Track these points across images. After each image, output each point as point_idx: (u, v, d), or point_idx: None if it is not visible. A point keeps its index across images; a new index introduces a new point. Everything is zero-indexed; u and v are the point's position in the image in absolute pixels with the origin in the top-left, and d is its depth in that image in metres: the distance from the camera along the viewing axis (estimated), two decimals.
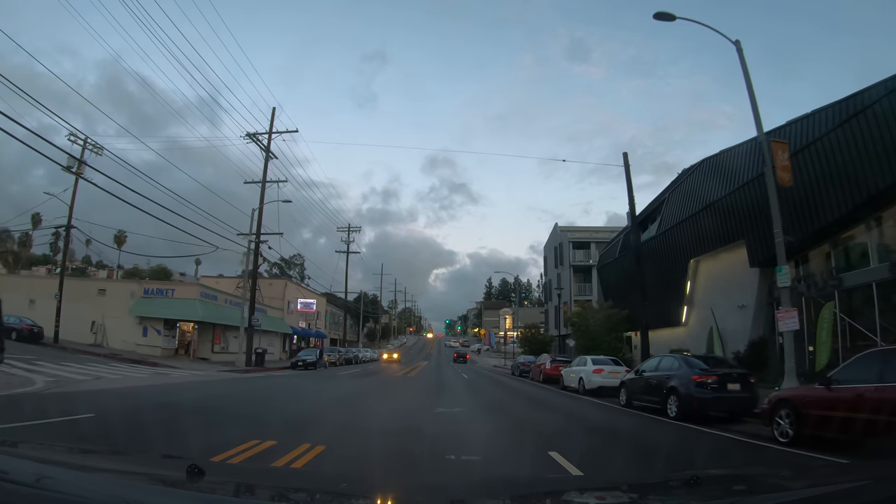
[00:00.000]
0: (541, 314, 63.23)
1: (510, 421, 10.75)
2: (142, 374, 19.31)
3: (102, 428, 7.33)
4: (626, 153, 21.40)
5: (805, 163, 16.41)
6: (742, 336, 21.02)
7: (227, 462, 4.98)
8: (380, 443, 7.20)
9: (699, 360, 12.00)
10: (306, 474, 3.83)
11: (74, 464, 1.96)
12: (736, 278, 22.32)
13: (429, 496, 2.09)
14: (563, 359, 24.93)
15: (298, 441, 6.47)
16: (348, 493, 1.92)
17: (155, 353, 30.90)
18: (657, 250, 28.40)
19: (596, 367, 17.66)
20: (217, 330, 32.41)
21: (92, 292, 33.67)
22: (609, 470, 6.15)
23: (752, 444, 8.24)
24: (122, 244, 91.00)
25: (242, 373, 25.62)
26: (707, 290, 24.87)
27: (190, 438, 6.57)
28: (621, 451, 7.75)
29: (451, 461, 6.12)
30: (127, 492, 1.51)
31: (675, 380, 11.37)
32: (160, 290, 32.14)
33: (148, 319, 31.58)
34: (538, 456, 6.48)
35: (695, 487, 1.88)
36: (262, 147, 31.42)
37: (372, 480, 3.43)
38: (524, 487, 2.42)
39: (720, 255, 23.82)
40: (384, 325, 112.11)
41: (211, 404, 11.58)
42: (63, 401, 10.01)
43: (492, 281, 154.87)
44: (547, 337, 40.83)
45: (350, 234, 56.64)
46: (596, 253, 47.93)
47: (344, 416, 10.08)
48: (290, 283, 45.53)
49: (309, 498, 1.88)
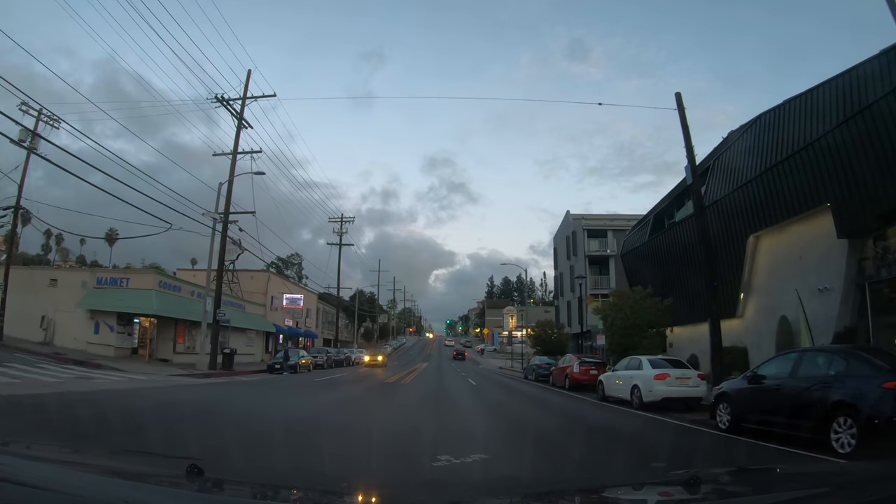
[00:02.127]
0: (546, 313, 58.46)
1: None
2: (51, 379, 14.67)
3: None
4: (679, 93, 16.70)
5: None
6: (824, 326, 16.33)
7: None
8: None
9: (874, 355, 7.31)
10: (306, 474, 3.57)
11: (74, 463, 1.98)
12: (813, 255, 17.62)
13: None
14: (593, 360, 20.28)
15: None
16: (348, 493, 1.94)
17: (107, 352, 26.24)
18: (692, 232, 23.70)
19: (658, 371, 12.98)
20: (181, 326, 27.67)
21: (42, 283, 28.95)
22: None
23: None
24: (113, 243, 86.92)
25: (201, 377, 20.95)
26: (772, 273, 20.11)
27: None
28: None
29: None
30: (127, 492, 1.49)
31: (845, 389, 6.72)
32: (114, 279, 27.42)
33: (99, 314, 26.91)
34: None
35: (695, 487, 1.85)
36: (234, 113, 26.82)
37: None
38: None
39: (789, 228, 19.07)
40: (382, 325, 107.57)
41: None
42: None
43: (493, 280, 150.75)
44: (563, 335, 36.07)
45: (343, 225, 52.38)
46: (614, 241, 43.26)
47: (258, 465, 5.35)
48: (274, 276, 40.75)
49: (308, 498, 1.86)
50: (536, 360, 28.18)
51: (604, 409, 13.44)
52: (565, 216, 49.32)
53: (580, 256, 43.82)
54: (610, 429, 10.23)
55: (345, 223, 52.49)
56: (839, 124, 15.08)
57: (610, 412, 12.81)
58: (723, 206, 21.92)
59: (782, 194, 18.60)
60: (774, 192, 19.03)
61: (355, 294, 76.78)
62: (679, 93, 16.96)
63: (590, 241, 43.99)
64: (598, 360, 20.37)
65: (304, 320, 48.61)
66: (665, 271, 26.87)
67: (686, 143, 16.58)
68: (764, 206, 19.82)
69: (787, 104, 18.30)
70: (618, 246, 43.23)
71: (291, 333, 45.41)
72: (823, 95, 16.28)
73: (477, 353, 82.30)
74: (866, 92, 13.78)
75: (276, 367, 26.78)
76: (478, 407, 13.42)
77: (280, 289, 43.22)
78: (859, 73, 14.07)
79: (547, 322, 38.36)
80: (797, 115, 17.65)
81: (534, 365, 27.14)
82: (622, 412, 12.77)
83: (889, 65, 12.58)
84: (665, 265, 27.20)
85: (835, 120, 15.42)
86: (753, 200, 20.26)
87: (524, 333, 59.55)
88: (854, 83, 14.22)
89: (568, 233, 47.10)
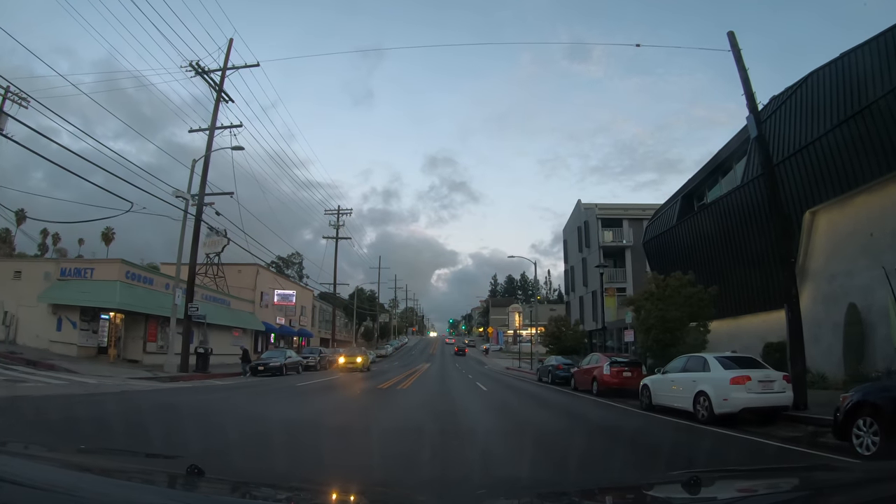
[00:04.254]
0: (552, 311, 55.17)
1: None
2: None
3: None
4: (732, 32, 13.54)
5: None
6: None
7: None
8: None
9: None
10: (306, 474, 3.61)
11: (74, 463, 1.92)
12: (887, 230, 14.57)
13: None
14: (626, 360, 17.19)
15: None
16: (348, 492, 1.94)
17: (70, 352, 23.30)
18: (740, 208, 20.56)
19: (734, 373, 9.86)
20: (152, 323, 24.58)
21: (6, 276, 26.00)
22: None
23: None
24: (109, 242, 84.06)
25: (166, 381, 17.93)
26: (832, 254, 16.96)
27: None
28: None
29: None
30: (127, 491, 1.48)
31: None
32: (78, 270, 24.39)
33: (62, 308, 23.94)
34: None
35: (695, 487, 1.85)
36: (212, 84, 23.77)
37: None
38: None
39: (854, 201, 15.97)
40: (383, 325, 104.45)
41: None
42: None
43: (497, 278, 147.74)
44: (579, 332, 32.85)
45: (340, 218, 49.43)
46: (630, 232, 40.17)
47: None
48: (263, 270, 37.59)
49: (308, 498, 1.84)
50: (553, 360, 25.01)
51: (664, 425, 10.28)
52: (576, 205, 46.15)
53: (594, 248, 40.68)
54: (703, 458, 7.09)
55: (342, 216, 49.75)
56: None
57: (675, 429, 9.67)
58: (770, 178, 18.71)
59: (846, 160, 15.48)
60: (837, 158, 15.90)
61: (354, 292, 73.92)
62: (732, 31, 13.87)
63: (604, 231, 40.84)
64: (632, 360, 17.23)
65: (298, 318, 45.53)
66: (698, 257, 23.74)
67: (745, 88, 13.46)
68: (823, 176, 16.67)
69: (849, 55, 15.14)
70: (634, 236, 40.20)
71: (284, 332, 42.33)
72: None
73: (481, 352, 79.00)
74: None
75: (259, 367, 23.73)
76: (496, 422, 10.33)
77: (270, 284, 40.11)
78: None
79: (561, 318, 35.15)
80: (863, 65, 14.51)
81: (550, 366, 23.98)
82: (689, 428, 9.63)
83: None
84: (699, 250, 24.06)
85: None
86: (809, 170, 17.12)
87: (531, 332, 56.46)
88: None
89: (580, 223, 43.95)
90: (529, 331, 58.15)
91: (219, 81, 23.99)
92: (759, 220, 18.90)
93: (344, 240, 50.28)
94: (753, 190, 19.71)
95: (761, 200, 18.55)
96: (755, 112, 13.66)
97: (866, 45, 14.49)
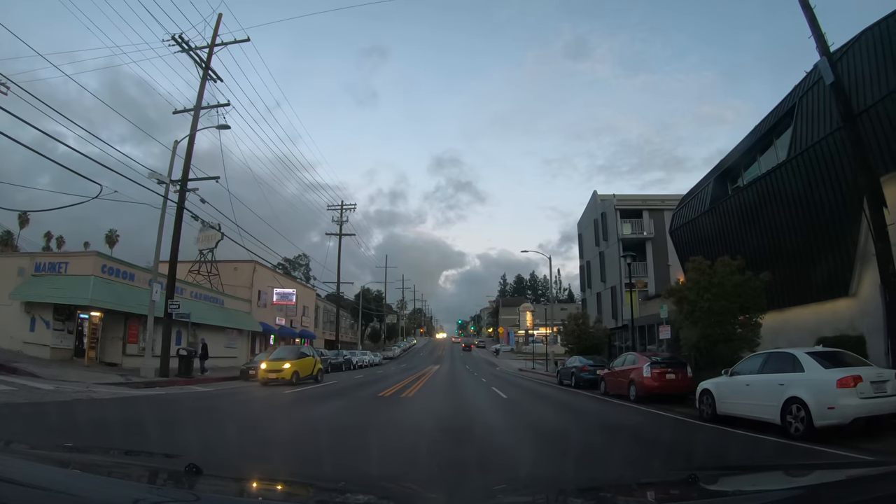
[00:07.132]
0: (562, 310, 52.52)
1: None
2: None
3: None
4: None
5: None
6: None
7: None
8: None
9: None
10: (305, 474, 3.33)
11: (73, 463, 1.89)
12: None
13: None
14: (670, 360, 14.74)
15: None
16: (348, 492, 1.90)
17: (43, 354, 21.23)
18: (788, 187, 18.02)
19: (840, 373, 7.43)
20: (133, 323, 22.37)
21: None
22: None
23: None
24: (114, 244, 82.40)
25: (139, 387, 15.72)
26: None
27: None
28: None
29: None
30: (126, 491, 1.47)
31: None
32: (52, 264, 22.25)
33: (35, 306, 21.88)
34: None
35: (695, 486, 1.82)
36: (198, 60, 21.59)
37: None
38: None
39: None
40: (391, 326, 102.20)
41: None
42: None
43: (506, 277, 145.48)
44: (600, 330, 30.34)
45: (343, 213, 47.31)
46: (650, 223, 37.62)
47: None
48: (261, 267, 35.34)
49: (308, 497, 1.83)
50: (576, 361, 22.50)
51: (751, 444, 7.80)
52: (592, 197, 43.60)
53: (612, 241, 38.14)
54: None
55: (346, 211, 47.65)
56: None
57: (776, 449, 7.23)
58: (822, 150, 16.14)
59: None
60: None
61: (360, 292, 71.70)
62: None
63: (622, 223, 38.30)
64: (676, 360, 14.75)
65: (299, 318, 43.30)
66: (737, 244, 21.21)
67: (812, 28, 11.07)
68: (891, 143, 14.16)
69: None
70: (655, 227, 37.67)
71: (284, 333, 40.09)
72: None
73: (492, 353, 76.45)
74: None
75: (250, 371, 21.49)
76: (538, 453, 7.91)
77: (269, 282, 37.87)
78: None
79: (579, 315, 32.63)
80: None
81: (573, 367, 21.47)
82: (784, 448, 7.20)
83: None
84: (738, 236, 21.49)
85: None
86: (874, 136, 14.58)
87: (545, 332, 53.86)
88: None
89: (596, 215, 41.41)
90: (542, 330, 55.52)
91: (206, 58, 21.86)
92: (814, 196, 16.38)
93: (348, 236, 48.23)
94: (778, 181, 17.33)
95: (819, 171, 16.05)
96: (828, 54, 11.24)
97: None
